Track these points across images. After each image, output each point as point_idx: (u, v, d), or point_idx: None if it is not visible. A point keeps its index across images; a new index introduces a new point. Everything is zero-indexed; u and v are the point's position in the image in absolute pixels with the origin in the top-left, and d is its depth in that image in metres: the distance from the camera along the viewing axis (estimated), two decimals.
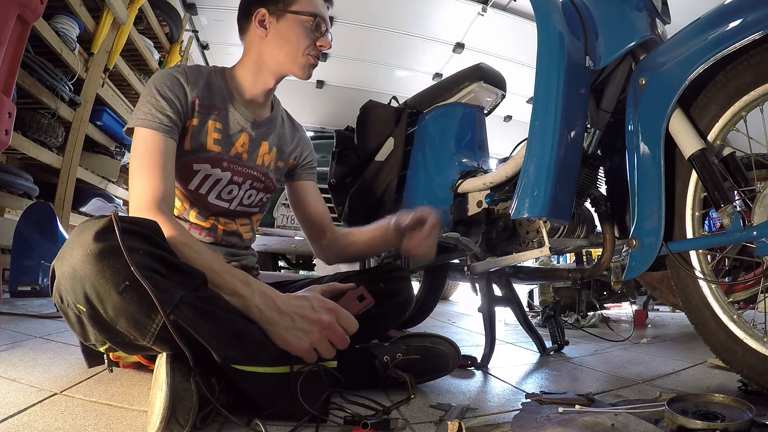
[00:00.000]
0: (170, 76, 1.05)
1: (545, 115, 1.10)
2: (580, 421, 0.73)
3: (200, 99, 1.08)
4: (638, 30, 1.10)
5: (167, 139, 1.00)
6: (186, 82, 1.06)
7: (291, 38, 1.11)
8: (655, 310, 3.33)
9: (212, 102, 1.10)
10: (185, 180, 1.10)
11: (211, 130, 1.10)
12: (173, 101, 1.03)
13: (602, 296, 2.55)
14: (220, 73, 1.15)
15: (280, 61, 1.12)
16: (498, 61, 3.55)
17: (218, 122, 1.11)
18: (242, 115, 1.14)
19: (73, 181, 2.72)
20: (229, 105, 1.13)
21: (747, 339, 0.93)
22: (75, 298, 0.66)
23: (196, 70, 1.11)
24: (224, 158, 1.12)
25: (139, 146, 0.98)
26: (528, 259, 1.33)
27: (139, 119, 1.00)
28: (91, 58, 2.68)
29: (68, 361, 1.07)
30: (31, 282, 2.14)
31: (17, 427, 0.65)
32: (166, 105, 1.01)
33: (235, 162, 1.14)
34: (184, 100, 1.05)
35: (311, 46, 1.12)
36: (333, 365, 0.84)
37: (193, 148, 1.08)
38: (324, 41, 1.13)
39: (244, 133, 1.14)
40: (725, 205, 0.94)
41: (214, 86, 1.12)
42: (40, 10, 1.72)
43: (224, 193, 1.14)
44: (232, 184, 1.15)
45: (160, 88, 1.02)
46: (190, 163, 1.09)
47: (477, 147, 1.69)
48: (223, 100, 1.12)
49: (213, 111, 1.10)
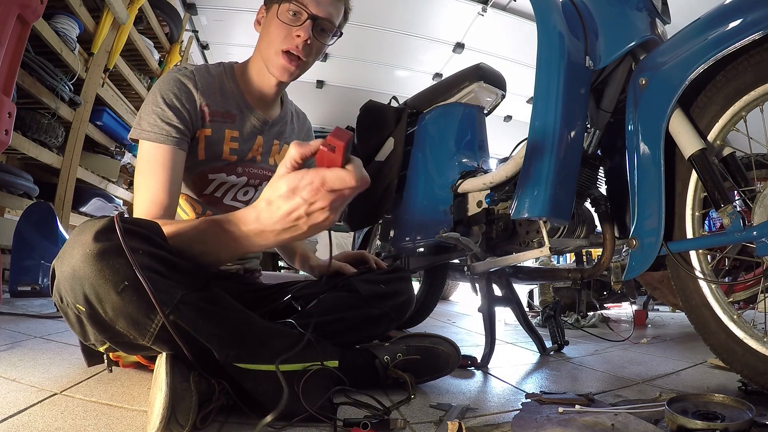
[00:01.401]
0: (177, 82, 1.00)
1: (545, 115, 1.10)
2: (580, 421, 0.73)
3: (213, 106, 1.04)
4: (638, 30, 1.10)
5: (176, 151, 0.97)
6: (195, 88, 1.02)
7: (270, 32, 1.03)
8: (655, 310, 3.33)
9: (227, 108, 1.06)
10: (199, 188, 1.09)
11: (228, 140, 1.07)
12: (180, 111, 0.98)
13: (602, 296, 2.55)
14: (230, 73, 1.11)
15: (264, 55, 1.06)
16: (498, 61, 3.55)
17: (235, 130, 1.08)
18: (256, 117, 1.12)
19: (73, 181, 2.72)
20: (245, 110, 1.10)
21: (747, 339, 0.93)
22: (74, 298, 0.66)
23: (205, 72, 1.06)
24: (239, 164, 1.10)
25: (144, 161, 0.95)
26: (528, 259, 1.33)
27: (144, 131, 0.96)
28: (91, 58, 2.68)
29: (68, 361, 1.07)
30: (31, 282, 2.14)
31: (17, 427, 0.65)
32: (173, 115, 0.97)
33: (249, 165, 1.12)
34: (192, 107, 1.01)
35: (287, 37, 1.01)
36: (334, 365, 0.84)
37: (209, 158, 1.06)
38: (301, 31, 1.01)
39: (259, 137, 1.13)
40: (725, 205, 0.94)
41: (227, 90, 1.08)
42: (40, 10, 1.72)
43: (240, 194, 1.14)
44: (248, 186, 1.15)
45: (166, 96, 0.98)
46: (205, 174, 1.08)
47: (477, 147, 1.69)
48: (238, 105, 1.09)
49: (228, 119, 1.06)
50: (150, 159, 0.95)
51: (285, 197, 0.65)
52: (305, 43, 1.02)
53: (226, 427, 0.73)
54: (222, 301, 0.76)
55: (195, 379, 0.69)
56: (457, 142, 1.68)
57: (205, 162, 1.06)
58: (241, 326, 0.75)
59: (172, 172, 0.95)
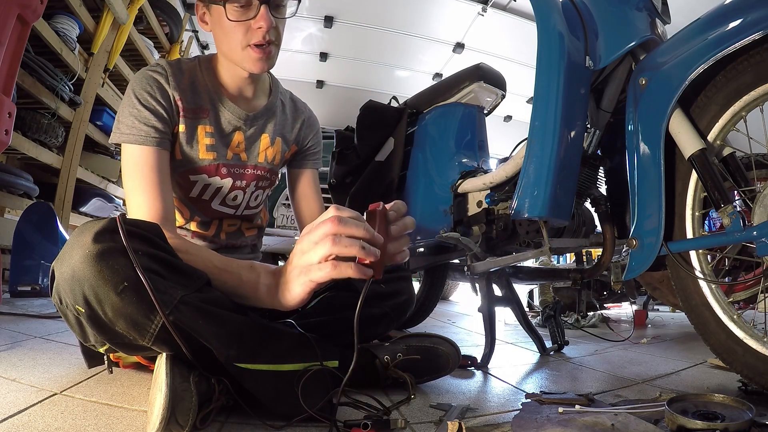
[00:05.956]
0: (149, 79, 0.97)
1: (545, 115, 1.10)
2: (580, 421, 0.73)
3: (185, 102, 0.99)
4: (638, 30, 1.10)
5: (159, 151, 0.94)
6: (167, 83, 0.97)
7: (226, 31, 0.95)
8: (655, 310, 3.33)
9: (198, 104, 1.01)
10: (185, 189, 1.06)
11: (202, 137, 1.02)
12: (156, 109, 0.95)
13: (602, 296, 2.55)
14: (206, 66, 1.04)
15: (230, 56, 0.99)
16: (498, 61, 3.55)
17: (208, 125, 1.02)
18: (233, 112, 1.05)
19: (73, 181, 2.73)
20: (218, 104, 1.03)
21: (747, 339, 0.93)
22: (74, 300, 0.66)
23: (176, 68, 1.01)
24: (221, 164, 1.05)
25: (130, 164, 0.93)
26: (528, 259, 1.33)
27: (123, 134, 0.94)
28: (91, 58, 2.69)
29: (68, 361, 1.07)
30: (31, 282, 2.14)
31: (17, 427, 0.65)
32: (150, 115, 0.94)
33: (234, 165, 1.07)
34: (168, 104, 0.97)
35: (249, 32, 0.93)
36: (335, 365, 0.84)
37: (185, 158, 1.02)
38: (261, 21, 0.92)
39: (238, 132, 1.06)
40: (725, 205, 0.94)
41: (199, 84, 1.02)
42: (40, 10, 1.72)
43: (228, 198, 1.10)
44: (236, 190, 1.10)
45: (140, 95, 0.95)
46: (185, 175, 1.04)
47: (477, 147, 1.69)
48: (211, 99, 1.03)
49: (201, 114, 1.01)
50: (136, 162, 0.93)
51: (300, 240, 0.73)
52: (269, 28, 0.93)
53: (227, 426, 0.73)
54: (222, 301, 0.76)
55: (195, 379, 0.69)
56: (457, 142, 1.68)
57: (183, 162, 1.03)
58: (241, 326, 0.75)
59: (159, 174, 0.93)
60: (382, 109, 1.88)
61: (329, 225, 0.68)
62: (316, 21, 4.10)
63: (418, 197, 1.72)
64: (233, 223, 1.16)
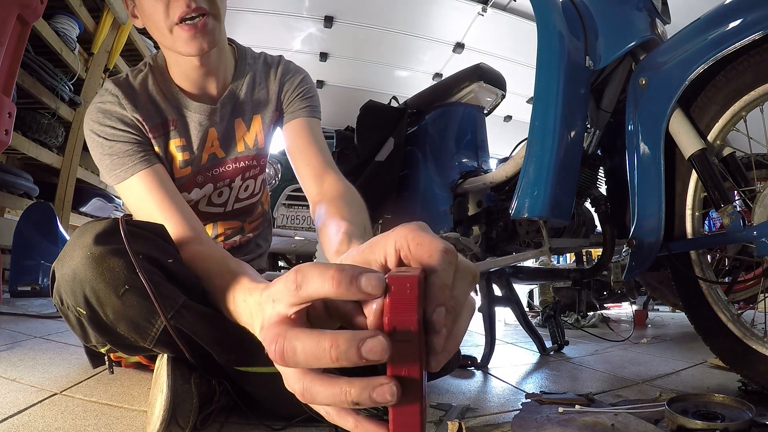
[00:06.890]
0: (104, 113, 0.88)
1: (545, 115, 1.10)
2: (580, 421, 0.73)
3: (149, 120, 0.90)
4: (638, 30, 1.10)
5: (152, 169, 0.87)
6: (123, 109, 0.88)
7: (150, 15, 0.84)
8: (655, 310, 3.33)
9: (164, 117, 0.93)
10: None
11: (176, 153, 0.95)
12: (125, 134, 0.87)
13: (602, 296, 2.55)
14: (159, 72, 0.94)
15: (165, 45, 0.88)
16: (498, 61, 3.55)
17: (178, 138, 0.94)
18: (198, 111, 0.95)
19: (73, 181, 2.73)
20: (183, 109, 0.94)
21: (747, 339, 0.93)
22: (75, 301, 0.66)
23: (127, 86, 0.91)
24: (197, 173, 0.99)
25: (132, 198, 0.86)
26: (528, 259, 1.33)
27: (112, 175, 0.86)
28: (91, 58, 2.69)
29: (68, 361, 1.07)
30: (31, 282, 2.14)
31: (17, 427, 0.65)
32: (123, 144, 0.86)
33: (210, 167, 1.00)
34: (134, 126, 0.89)
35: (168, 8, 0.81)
36: None
37: None
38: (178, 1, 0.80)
39: (210, 129, 0.97)
40: (725, 205, 0.94)
41: (157, 95, 0.93)
42: (40, 10, 1.72)
43: (214, 197, 1.06)
44: (220, 188, 1.05)
45: (103, 132, 0.87)
46: None
47: (477, 147, 1.70)
48: (174, 106, 0.94)
49: (168, 128, 0.93)
50: (137, 193, 0.86)
51: None
52: None
53: (227, 427, 0.73)
54: None
55: (196, 380, 0.69)
56: (457, 142, 1.68)
57: None
58: (242, 330, 0.75)
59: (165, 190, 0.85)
60: (382, 109, 1.88)
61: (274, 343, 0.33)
62: (316, 21, 4.10)
63: (418, 197, 1.72)
64: (231, 227, 1.15)
